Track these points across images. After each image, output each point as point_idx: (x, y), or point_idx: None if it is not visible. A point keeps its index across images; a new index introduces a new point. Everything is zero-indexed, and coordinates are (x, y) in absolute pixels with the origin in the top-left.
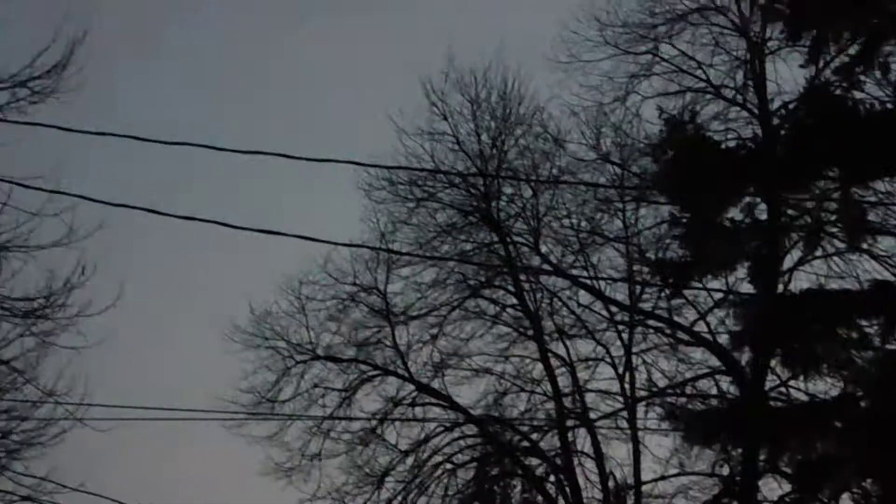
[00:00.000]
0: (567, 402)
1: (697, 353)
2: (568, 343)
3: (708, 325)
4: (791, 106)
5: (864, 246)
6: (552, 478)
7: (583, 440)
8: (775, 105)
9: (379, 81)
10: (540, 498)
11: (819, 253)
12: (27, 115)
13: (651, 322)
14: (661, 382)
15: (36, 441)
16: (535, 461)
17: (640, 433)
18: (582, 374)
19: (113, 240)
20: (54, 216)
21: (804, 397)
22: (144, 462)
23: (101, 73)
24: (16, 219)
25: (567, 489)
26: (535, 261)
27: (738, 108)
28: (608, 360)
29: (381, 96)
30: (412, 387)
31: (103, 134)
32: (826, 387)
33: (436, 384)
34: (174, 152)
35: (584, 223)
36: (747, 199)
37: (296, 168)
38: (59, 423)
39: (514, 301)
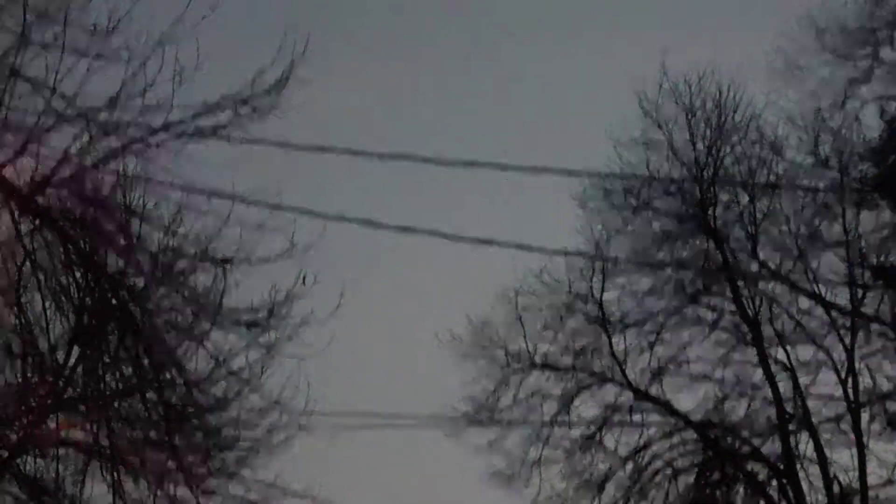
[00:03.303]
0: (788, 406)
1: None
2: (788, 348)
3: None
4: None
5: None
6: (774, 482)
7: (805, 445)
8: None
9: (593, 95)
10: (762, 503)
11: None
12: (249, 132)
13: (874, 326)
14: (886, 387)
15: (263, 448)
16: (756, 466)
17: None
18: (803, 379)
19: (333, 251)
20: (275, 231)
21: None
22: (365, 469)
23: (322, 86)
24: (239, 233)
25: (790, 494)
26: (753, 267)
27: None
28: (829, 364)
29: (595, 109)
30: (630, 393)
31: (322, 150)
32: None
33: (654, 391)
34: (392, 164)
35: (802, 228)
36: None
37: (511, 179)
38: (284, 430)
39: (733, 307)
